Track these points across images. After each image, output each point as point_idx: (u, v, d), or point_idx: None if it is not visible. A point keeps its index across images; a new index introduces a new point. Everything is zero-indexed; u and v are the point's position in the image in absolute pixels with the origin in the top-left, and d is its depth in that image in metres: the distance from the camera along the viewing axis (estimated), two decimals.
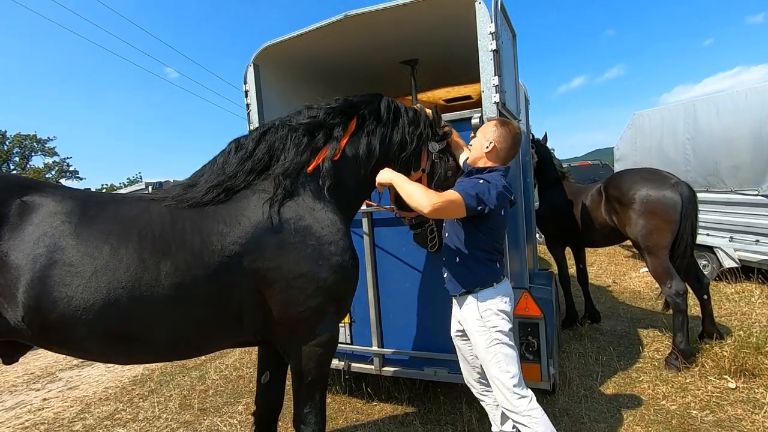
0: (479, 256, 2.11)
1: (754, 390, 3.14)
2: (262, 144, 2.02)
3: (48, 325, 1.58)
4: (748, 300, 5.31)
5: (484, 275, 2.11)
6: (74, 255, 1.59)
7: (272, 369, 2.33)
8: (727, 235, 6.11)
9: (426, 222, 2.48)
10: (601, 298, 5.99)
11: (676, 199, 3.61)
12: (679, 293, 3.52)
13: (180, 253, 1.70)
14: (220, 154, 2.04)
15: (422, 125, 2.32)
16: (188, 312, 1.72)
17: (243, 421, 3.33)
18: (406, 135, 2.27)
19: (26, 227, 1.59)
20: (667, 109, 7.22)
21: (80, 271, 1.57)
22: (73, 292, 1.56)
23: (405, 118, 2.30)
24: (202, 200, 1.83)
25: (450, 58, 3.86)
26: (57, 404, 4.06)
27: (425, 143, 2.33)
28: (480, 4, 2.65)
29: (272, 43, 3.37)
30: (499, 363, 2.01)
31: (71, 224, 1.63)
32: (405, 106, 2.36)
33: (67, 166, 38.22)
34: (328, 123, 2.11)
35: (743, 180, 5.77)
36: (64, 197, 1.70)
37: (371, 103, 2.26)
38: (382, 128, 2.24)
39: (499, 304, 2.09)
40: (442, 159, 2.38)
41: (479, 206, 1.95)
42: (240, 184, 1.92)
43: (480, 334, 2.07)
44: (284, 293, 1.85)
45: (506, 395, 2.00)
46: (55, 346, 1.70)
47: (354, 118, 2.19)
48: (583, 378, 3.54)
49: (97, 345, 1.67)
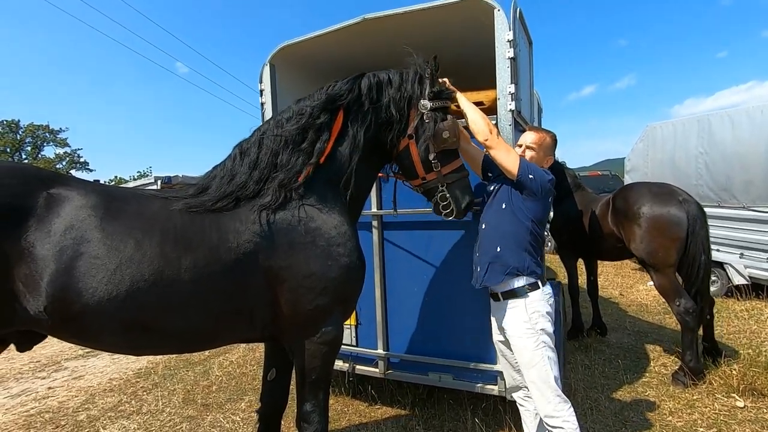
0: (525, 244, 2.11)
1: (762, 410, 3.09)
2: (263, 149, 2.01)
3: (70, 316, 1.61)
4: (757, 318, 5.24)
5: (528, 264, 2.09)
6: (100, 248, 1.62)
7: (278, 366, 2.34)
8: (738, 252, 6.05)
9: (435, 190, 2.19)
10: (608, 310, 5.95)
11: (681, 216, 3.51)
12: (688, 311, 3.45)
13: (199, 249, 1.74)
14: (228, 159, 2.05)
15: (408, 86, 2.13)
16: (204, 306, 1.76)
17: (245, 418, 3.33)
18: (392, 108, 2.11)
19: (53, 219, 1.62)
20: (680, 122, 7.17)
21: (106, 264, 1.61)
22: (98, 283, 1.59)
23: (389, 89, 2.14)
24: (212, 208, 1.84)
25: (465, 64, 3.85)
26: (62, 393, 4.10)
27: (414, 104, 2.13)
28: (499, 11, 2.65)
29: (289, 44, 3.39)
30: (545, 366, 2.02)
31: (97, 218, 1.66)
32: (390, 74, 2.18)
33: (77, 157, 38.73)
34: (313, 124, 2.03)
35: (756, 196, 5.72)
36: (89, 191, 1.73)
37: (352, 90, 2.11)
38: (366, 115, 2.11)
39: (546, 306, 2.09)
40: (433, 119, 2.10)
41: (530, 175, 2.06)
42: (250, 194, 1.92)
43: (528, 337, 2.06)
44: (294, 292, 1.87)
45: (550, 398, 2.01)
46: (72, 336, 1.73)
47: (340, 111, 2.09)
48: (588, 390, 3.51)
49: (113, 336, 1.71)
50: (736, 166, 5.95)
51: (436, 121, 2.10)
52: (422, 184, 2.21)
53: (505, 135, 2.65)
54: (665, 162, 7.36)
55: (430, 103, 2.10)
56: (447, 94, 2.19)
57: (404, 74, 2.18)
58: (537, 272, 2.11)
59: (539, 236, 2.16)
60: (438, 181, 2.16)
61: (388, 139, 2.16)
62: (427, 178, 2.17)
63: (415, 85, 2.13)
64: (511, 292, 2.12)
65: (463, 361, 2.88)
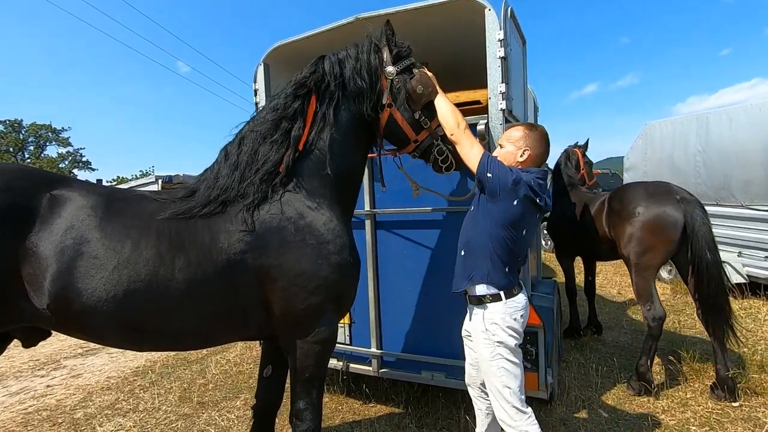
0: (487, 251, 1.95)
1: (755, 408, 3.10)
2: (243, 149, 2.00)
3: (71, 314, 1.66)
4: (754, 317, 5.23)
5: (490, 272, 1.95)
6: (99, 248, 1.66)
7: (274, 364, 2.36)
8: (736, 250, 6.03)
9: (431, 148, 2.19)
10: (605, 308, 5.95)
11: (676, 217, 3.34)
12: (656, 318, 3.35)
13: (192, 250, 1.77)
14: (215, 162, 2.06)
15: (367, 55, 2.08)
16: (198, 306, 1.79)
17: (240, 416, 3.35)
18: (356, 80, 2.05)
19: (55, 220, 1.67)
20: (679, 121, 7.15)
21: (104, 264, 1.65)
22: (96, 283, 1.64)
23: (349, 62, 2.09)
24: (198, 214, 1.84)
25: (459, 63, 3.86)
26: (60, 391, 4.13)
27: (380, 73, 2.08)
28: (489, 10, 2.65)
29: (282, 43, 3.41)
30: (501, 377, 1.94)
31: (96, 218, 1.70)
32: (347, 49, 2.14)
33: (80, 157, 38.89)
34: (287, 113, 2.00)
35: (754, 195, 5.70)
36: (89, 192, 1.78)
37: (315, 71, 2.07)
38: (333, 92, 2.06)
39: (508, 320, 1.95)
40: (403, 80, 2.06)
41: (489, 173, 1.88)
42: (234, 196, 1.91)
43: (484, 347, 1.99)
44: (286, 291, 1.88)
45: (505, 408, 1.94)
46: (74, 332, 1.79)
47: (311, 96, 2.05)
48: (582, 389, 3.52)
49: (113, 333, 1.76)
50: (735, 165, 5.93)
51: (406, 81, 2.07)
52: (417, 147, 2.18)
53: (496, 135, 2.65)
54: (664, 160, 7.35)
55: (395, 67, 2.07)
56: (406, 51, 2.16)
57: (360, 46, 2.15)
58: (500, 283, 1.96)
59: (508, 242, 1.94)
60: (432, 137, 2.16)
61: (365, 111, 2.10)
62: (419, 139, 2.15)
63: (373, 54, 2.09)
64: (474, 297, 2.03)
65: (456, 359, 2.88)
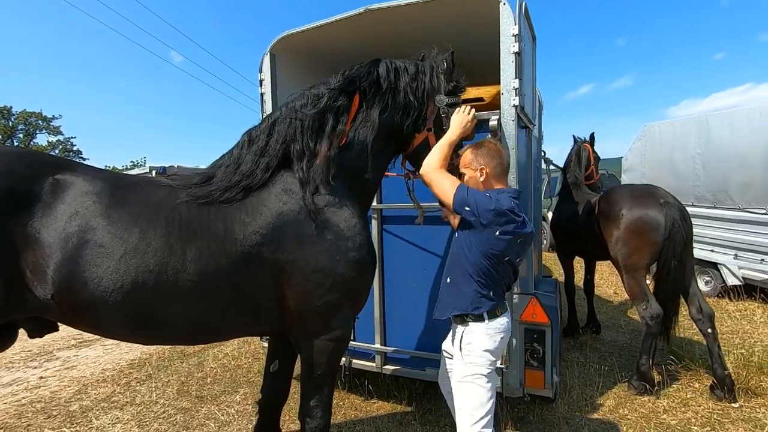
0: (470, 277, 1.89)
1: (755, 409, 3.12)
2: (274, 136, 1.95)
3: (76, 304, 1.59)
4: (750, 319, 5.29)
5: (471, 299, 1.89)
6: (105, 236, 1.59)
7: (281, 358, 2.32)
8: (732, 253, 6.09)
9: None
10: (602, 308, 5.98)
11: (659, 219, 3.41)
12: (653, 316, 3.39)
13: (204, 240, 1.70)
14: (236, 147, 1.99)
15: (427, 78, 2.12)
16: (209, 299, 1.72)
17: (240, 411, 3.32)
18: (408, 95, 2.09)
19: (58, 206, 1.59)
20: (679, 122, 7.18)
21: (111, 253, 1.58)
22: (103, 273, 1.56)
23: (405, 77, 2.11)
24: (218, 199, 1.79)
25: (467, 59, 3.80)
26: (54, 383, 4.06)
27: (431, 98, 2.13)
28: (504, 5, 2.62)
29: (290, 33, 3.34)
30: (468, 400, 1.87)
31: (102, 205, 1.63)
32: (407, 63, 2.17)
33: (70, 146, 38.29)
34: (332, 106, 1.99)
35: (752, 198, 5.75)
36: (95, 177, 1.70)
37: (370, 73, 2.08)
38: (383, 97, 2.07)
39: (485, 343, 1.88)
40: (447, 112, 2.12)
41: (466, 206, 1.82)
42: (257, 183, 1.87)
43: (457, 366, 1.94)
44: (302, 286, 1.83)
45: (464, 427, 1.86)
46: (80, 324, 1.71)
47: (356, 94, 2.05)
48: (583, 387, 3.53)
49: (121, 326, 1.68)
50: (734, 168, 5.96)
51: (450, 114, 2.13)
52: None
53: (508, 131, 2.62)
54: (663, 162, 7.38)
55: (447, 98, 2.13)
56: (461, 89, 2.23)
57: (420, 66, 2.18)
58: (484, 305, 1.89)
59: (491, 270, 1.88)
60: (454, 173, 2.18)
61: (404, 126, 2.12)
62: None
63: (433, 78, 2.14)
64: (457, 317, 1.97)
65: None
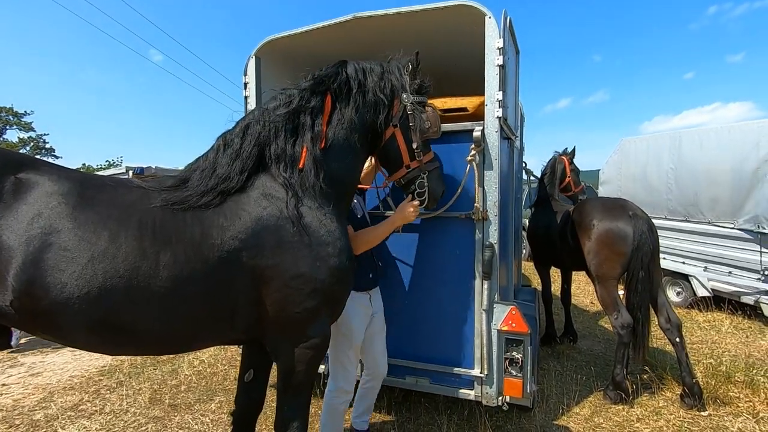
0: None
1: (723, 417, 3.22)
2: (247, 139, 1.92)
3: (38, 312, 1.49)
4: (718, 329, 5.47)
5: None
6: (70, 239, 1.50)
7: (256, 367, 2.26)
8: (702, 265, 6.30)
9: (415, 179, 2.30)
10: (579, 317, 6.09)
11: (627, 231, 3.54)
12: (624, 326, 3.48)
13: (180, 245, 1.63)
14: (211, 150, 1.96)
15: (393, 76, 2.19)
16: (184, 306, 1.64)
17: (216, 420, 3.23)
18: (378, 93, 2.13)
19: (20, 206, 1.50)
20: (653, 138, 7.43)
21: (76, 257, 1.49)
22: (67, 278, 1.47)
23: (373, 76, 2.16)
24: (196, 205, 1.74)
25: (451, 70, 3.87)
26: (17, 390, 3.87)
27: (397, 96, 2.19)
28: (490, 18, 2.67)
29: (276, 37, 3.33)
30: None
31: (68, 206, 1.54)
32: (373, 64, 2.22)
33: (43, 143, 36.88)
34: (305, 107, 1.99)
35: (720, 213, 5.97)
36: (60, 177, 1.60)
37: (339, 74, 2.11)
38: (355, 98, 2.10)
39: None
40: (416, 110, 2.19)
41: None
42: (234, 186, 1.83)
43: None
44: (281, 292, 1.79)
45: None
46: (42, 332, 1.61)
47: (328, 95, 2.06)
48: (561, 396, 3.57)
49: (86, 335, 1.58)
50: (703, 183, 6.20)
51: (416, 111, 2.20)
52: (406, 174, 2.29)
53: (491, 141, 2.67)
54: (637, 176, 7.61)
55: (412, 96, 2.20)
56: (426, 89, 2.28)
57: (385, 66, 2.24)
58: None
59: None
60: (420, 169, 2.27)
61: (378, 125, 2.17)
62: (411, 166, 2.27)
63: (397, 77, 2.20)
64: None
65: (440, 365, 2.88)
